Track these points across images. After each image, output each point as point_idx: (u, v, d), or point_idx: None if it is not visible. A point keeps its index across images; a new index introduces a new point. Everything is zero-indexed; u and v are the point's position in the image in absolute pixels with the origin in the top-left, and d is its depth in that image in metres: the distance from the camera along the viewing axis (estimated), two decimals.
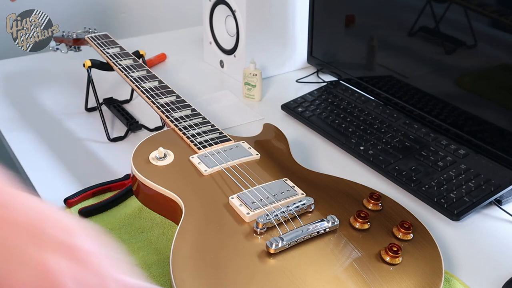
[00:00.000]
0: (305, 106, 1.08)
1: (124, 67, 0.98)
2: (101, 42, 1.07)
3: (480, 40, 0.87)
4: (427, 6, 0.93)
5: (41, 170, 0.91)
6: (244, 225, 0.68)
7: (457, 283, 0.69)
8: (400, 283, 0.62)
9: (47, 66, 1.30)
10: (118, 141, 0.99)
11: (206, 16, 1.28)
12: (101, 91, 1.11)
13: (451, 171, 0.87)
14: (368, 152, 0.93)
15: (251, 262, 0.63)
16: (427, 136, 0.95)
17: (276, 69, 1.27)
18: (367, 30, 1.09)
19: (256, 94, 1.15)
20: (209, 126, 0.86)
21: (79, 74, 1.22)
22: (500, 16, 0.84)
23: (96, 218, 0.78)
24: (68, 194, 0.82)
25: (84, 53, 1.19)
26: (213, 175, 0.77)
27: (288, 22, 1.23)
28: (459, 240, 0.78)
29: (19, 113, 1.09)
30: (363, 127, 1.00)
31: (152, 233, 0.76)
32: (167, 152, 0.80)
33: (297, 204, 0.70)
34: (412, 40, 0.99)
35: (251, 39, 1.19)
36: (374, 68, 1.09)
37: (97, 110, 1.02)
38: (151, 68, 1.12)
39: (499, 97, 0.87)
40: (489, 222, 0.82)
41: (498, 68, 0.87)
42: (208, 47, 1.32)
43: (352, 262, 0.64)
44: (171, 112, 0.88)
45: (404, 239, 0.68)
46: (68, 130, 1.03)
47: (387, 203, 0.74)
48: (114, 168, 0.91)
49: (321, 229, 0.67)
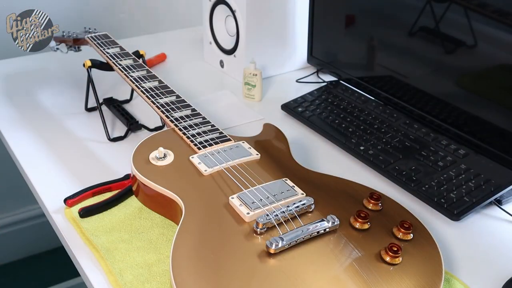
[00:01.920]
0: (305, 106, 1.08)
1: (124, 67, 0.98)
2: (101, 42, 1.07)
3: (480, 40, 0.87)
4: (427, 6, 0.93)
5: (41, 170, 0.91)
6: (244, 225, 0.68)
7: (457, 283, 0.69)
8: (400, 283, 0.62)
9: (47, 66, 1.30)
10: (118, 141, 0.99)
11: (206, 16, 1.28)
12: (101, 91, 1.11)
13: (451, 171, 0.87)
14: (368, 152, 0.93)
15: (251, 262, 0.63)
16: (427, 136, 0.95)
17: (276, 69, 1.27)
18: (367, 30, 1.09)
19: (256, 94, 1.15)
20: (209, 126, 0.86)
21: (79, 74, 1.22)
22: (500, 16, 0.84)
23: (96, 218, 0.78)
24: (68, 194, 0.82)
25: (84, 53, 1.19)
26: (213, 175, 0.77)
27: (288, 22, 1.23)
28: (459, 240, 0.78)
29: (19, 113, 1.09)
30: (363, 127, 1.00)
31: (152, 233, 0.76)
32: (167, 152, 0.80)
33: (297, 204, 0.70)
34: (412, 40, 0.99)
35: (251, 39, 1.19)
36: (374, 68, 1.09)
37: (97, 110, 1.02)
38: (151, 68, 1.12)
39: (499, 97, 0.87)
40: (489, 222, 0.82)
41: (498, 68, 0.87)
42: (208, 47, 1.32)
43: (352, 262, 0.64)
44: (171, 112, 0.88)
45: (404, 239, 0.68)
46: (68, 130, 1.03)
47: (387, 203, 0.74)
48: (114, 168, 0.91)
49: (321, 229, 0.67)
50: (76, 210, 0.79)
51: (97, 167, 0.91)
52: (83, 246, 0.74)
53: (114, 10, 1.65)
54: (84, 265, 0.71)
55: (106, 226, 0.77)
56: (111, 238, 0.75)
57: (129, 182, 0.84)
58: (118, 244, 0.74)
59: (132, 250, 0.73)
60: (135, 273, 0.69)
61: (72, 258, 0.75)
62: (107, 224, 0.77)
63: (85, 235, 0.75)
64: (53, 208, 0.81)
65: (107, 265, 0.70)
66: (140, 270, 0.69)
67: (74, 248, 0.74)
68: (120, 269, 0.69)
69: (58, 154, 0.95)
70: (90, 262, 0.72)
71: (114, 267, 0.70)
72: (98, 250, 0.73)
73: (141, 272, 0.69)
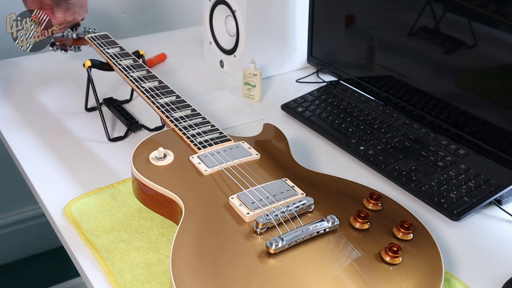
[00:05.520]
0: (305, 106, 1.08)
1: (124, 67, 0.98)
2: (101, 42, 1.07)
3: (480, 40, 0.87)
4: (427, 6, 0.93)
5: (41, 170, 0.91)
6: (244, 225, 0.68)
7: (457, 283, 0.69)
8: (400, 283, 0.62)
9: (47, 66, 1.30)
10: (118, 141, 0.99)
11: (206, 16, 1.28)
12: (101, 91, 1.11)
13: (451, 171, 0.87)
14: (368, 152, 0.93)
15: (251, 262, 0.63)
16: (427, 136, 0.95)
17: (276, 69, 1.27)
18: (367, 30, 1.09)
19: (256, 94, 1.15)
20: (209, 126, 0.86)
21: (79, 74, 1.22)
22: (500, 16, 0.84)
23: (96, 218, 0.78)
24: (68, 194, 0.82)
25: (84, 53, 1.19)
26: (213, 175, 0.77)
27: (288, 22, 1.23)
28: (459, 240, 0.78)
29: (19, 113, 1.09)
30: (363, 127, 1.00)
31: (151, 233, 0.76)
32: (167, 152, 0.80)
33: (297, 204, 0.70)
34: (412, 40, 0.99)
35: (251, 39, 1.19)
36: (374, 68, 1.09)
37: (97, 110, 1.02)
38: (151, 68, 1.12)
39: (499, 97, 0.87)
40: (489, 222, 0.82)
41: (498, 68, 0.87)
42: (208, 47, 1.32)
43: (352, 262, 0.64)
44: (171, 112, 0.88)
45: (404, 239, 0.68)
46: (68, 130, 1.03)
47: (387, 203, 0.74)
48: (114, 168, 0.91)
49: (321, 229, 0.67)
50: (76, 210, 0.80)
51: (97, 167, 0.91)
52: (83, 246, 0.74)
53: (114, 10, 1.65)
54: (84, 265, 0.71)
55: (105, 226, 0.77)
56: (110, 238, 0.75)
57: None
58: (117, 244, 0.74)
59: (132, 250, 0.73)
60: (135, 273, 0.69)
61: (72, 258, 0.75)
62: (107, 224, 0.77)
63: (85, 235, 0.75)
64: (53, 208, 0.81)
65: (107, 265, 0.70)
66: (140, 270, 0.69)
67: (74, 248, 0.74)
68: (120, 269, 0.69)
69: (58, 154, 0.95)
70: (90, 262, 0.72)
71: (114, 267, 0.70)
72: (98, 250, 0.73)
73: (141, 272, 0.69)
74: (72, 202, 0.81)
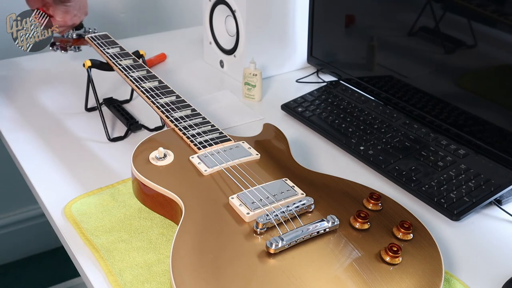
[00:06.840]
0: (305, 106, 1.08)
1: (124, 67, 0.98)
2: (101, 42, 1.07)
3: (480, 40, 0.87)
4: (427, 6, 0.93)
5: (41, 170, 0.91)
6: (244, 225, 0.68)
7: (457, 283, 0.69)
8: (400, 283, 0.62)
9: (47, 66, 1.30)
10: (118, 141, 0.99)
11: (206, 16, 1.28)
12: (101, 91, 1.11)
13: (451, 171, 0.87)
14: (368, 152, 0.93)
15: (251, 262, 0.63)
16: (427, 136, 0.95)
17: (276, 69, 1.27)
18: (367, 30, 1.09)
19: (256, 94, 1.15)
20: (209, 126, 0.86)
21: (79, 74, 1.22)
22: (500, 16, 0.84)
23: (96, 218, 0.78)
24: (68, 194, 0.82)
25: (84, 53, 1.19)
26: (213, 175, 0.77)
27: (288, 22, 1.23)
28: (459, 240, 0.78)
29: (19, 113, 1.09)
30: (363, 127, 1.00)
31: (151, 233, 0.76)
32: (167, 152, 0.80)
33: (297, 204, 0.70)
34: (412, 40, 0.99)
35: (251, 39, 1.19)
36: (374, 68, 1.09)
37: (97, 110, 1.02)
38: (151, 68, 1.12)
39: (499, 97, 0.87)
40: (489, 222, 0.82)
41: (498, 68, 0.87)
42: (208, 47, 1.32)
43: (352, 262, 0.64)
44: (171, 112, 0.88)
45: (404, 239, 0.68)
46: (68, 130, 1.03)
47: (387, 203, 0.74)
48: (114, 168, 0.91)
49: (321, 229, 0.67)
50: (76, 210, 0.80)
51: (97, 167, 0.91)
52: (83, 246, 0.74)
53: (114, 10, 1.65)
54: (84, 265, 0.71)
55: (105, 226, 0.77)
56: (110, 238, 0.75)
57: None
58: (117, 244, 0.74)
59: (132, 250, 0.73)
60: (135, 273, 0.69)
61: (72, 258, 0.75)
62: (107, 224, 0.77)
63: (84, 235, 0.75)
64: (53, 208, 0.81)
65: (107, 265, 0.70)
66: (139, 270, 0.69)
67: (74, 248, 0.74)
68: (120, 269, 0.69)
69: (58, 154, 0.95)
70: (90, 262, 0.72)
71: (114, 267, 0.70)
72: (97, 250, 0.73)
73: (141, 272, 0.69)
74: (72, 202, 0.81)
